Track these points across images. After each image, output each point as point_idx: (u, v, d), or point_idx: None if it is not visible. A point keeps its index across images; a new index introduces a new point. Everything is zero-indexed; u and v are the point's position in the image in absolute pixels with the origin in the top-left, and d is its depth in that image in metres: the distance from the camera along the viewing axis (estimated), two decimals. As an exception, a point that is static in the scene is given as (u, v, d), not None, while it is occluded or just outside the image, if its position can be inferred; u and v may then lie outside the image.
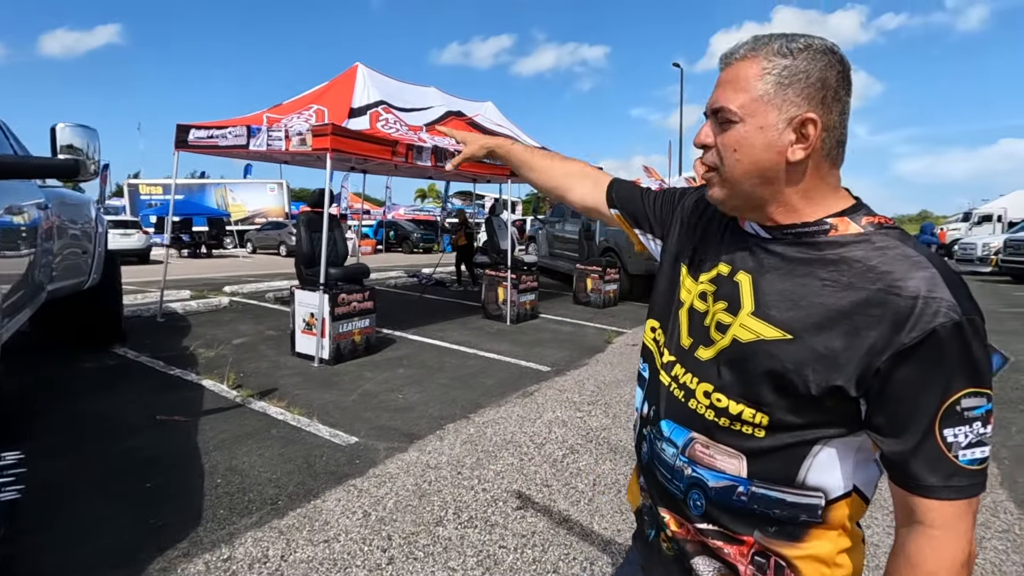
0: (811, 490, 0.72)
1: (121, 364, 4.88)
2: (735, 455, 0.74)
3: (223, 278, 11.31)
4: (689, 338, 0.83)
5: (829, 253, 0.71)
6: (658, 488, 0.86)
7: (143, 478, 2.84)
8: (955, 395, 0.64)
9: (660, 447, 0.83)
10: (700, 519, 0.79)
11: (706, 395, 0.77)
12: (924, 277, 0.65)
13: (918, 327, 0.63)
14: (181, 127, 6.05)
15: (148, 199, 23.87)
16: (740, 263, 0.79)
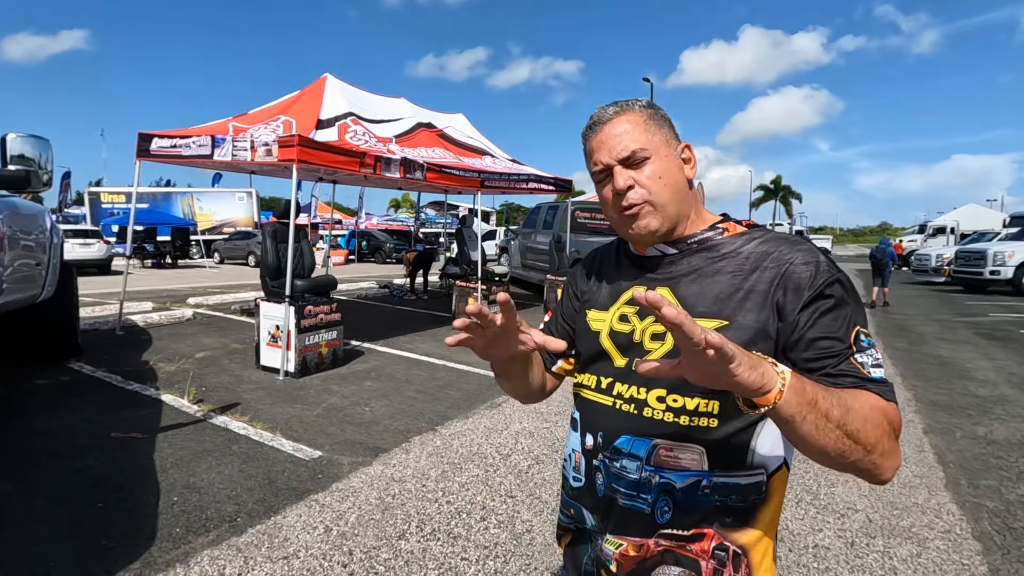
0: (757, 468, 0.82)
1: (76, 380, 4.72)
2: (697, 450, 0.82)
3: (187, 289, 11.04)
4: (623, 358, 0.89)
5: (727, 252, 0.86)
6: (617, 516, 0.87)
7: (94, 499, 2.76)
8: (855, 330, 0.78)
9: (620, 467, 0.85)
10: (666, 526, 0.83)
11: (660, 400, 0.83)
12: (805, 250, 0.82)
13: (816, 286, 0.78)
14: (143, 136, 5.93)
15: (110, 207, 23.18)
16: (654, 281, 0.89)
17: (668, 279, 0.88)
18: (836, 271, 0.80)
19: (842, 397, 0.69)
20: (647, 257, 0.92)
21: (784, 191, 54.32)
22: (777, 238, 0.85)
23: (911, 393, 5.12)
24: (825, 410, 0.66)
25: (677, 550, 0.83)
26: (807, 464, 3.44)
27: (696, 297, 0.84)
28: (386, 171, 5.77)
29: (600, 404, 0.90)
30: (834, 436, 0.67)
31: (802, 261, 0.80)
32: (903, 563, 2.43)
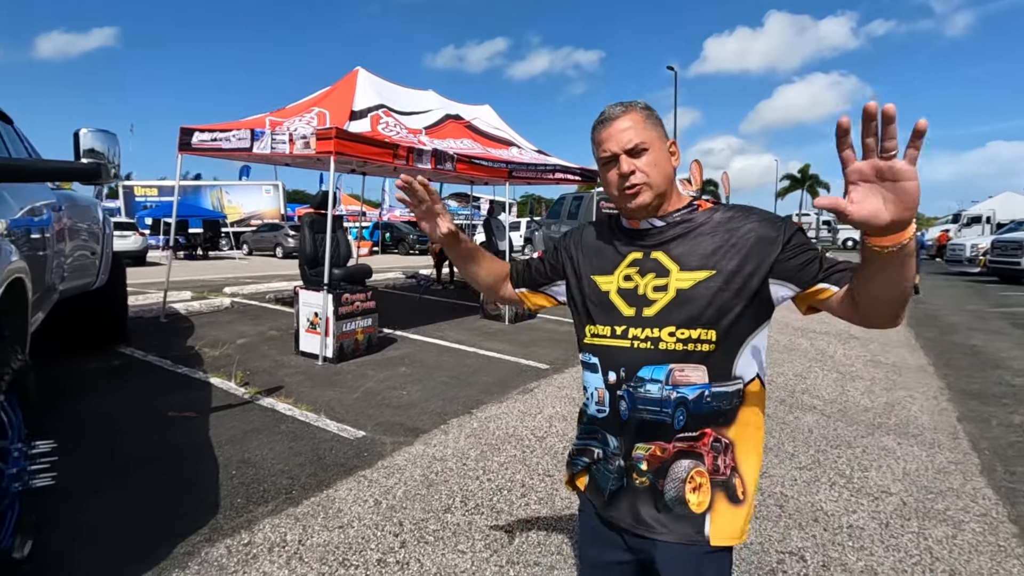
0: (736, 379, 1.09)
1: (128, 363, 4.97)
2: (700, 367, 1.08)
3: (221, 280, 11.37)
4: (631, 308, 1.13)
5: (703, 222, 1.12)
6: (642, 429, 1.11)
7: (158, 472, 2.94)
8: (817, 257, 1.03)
9: (644, 391, 1.10)
10: (681, 431, 1.09)
11: (671, 335, 1.08)
12: (758, 212, 1.11)
13: (785, 232, 1.05)
14: (185, 130, 6.14)
15: (143, 201, 23.83)
16: (648, 247, 1.15)
17: (659, 244, 1.13)
18: (789, 222, 1.08)
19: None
20: (640, 230, 1.17)
21: (812, 180, 53.15)
22: (737, 207, 1.14)
23: (943, 382, 5.09)
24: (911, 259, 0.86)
25: (687, 449, 1.09)
26: (839, 450, 3.48)
27: (686, 256, 1.09)
28: (418, 162, 5.88)
29: (619, 347, 1.13)
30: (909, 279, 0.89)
31: (762, 216, 1.09)
32: (938, 544, 2.47)
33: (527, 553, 2.34)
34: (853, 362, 5.77)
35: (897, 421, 4.03)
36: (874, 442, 3.61)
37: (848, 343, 6.72)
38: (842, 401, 4.46)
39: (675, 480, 1.09)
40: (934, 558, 2.37)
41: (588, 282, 1.21)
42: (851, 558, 2.35)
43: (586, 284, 1.22)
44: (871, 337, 7.12)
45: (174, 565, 2.16)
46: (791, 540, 2.47)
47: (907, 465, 3.28)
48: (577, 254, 1.27)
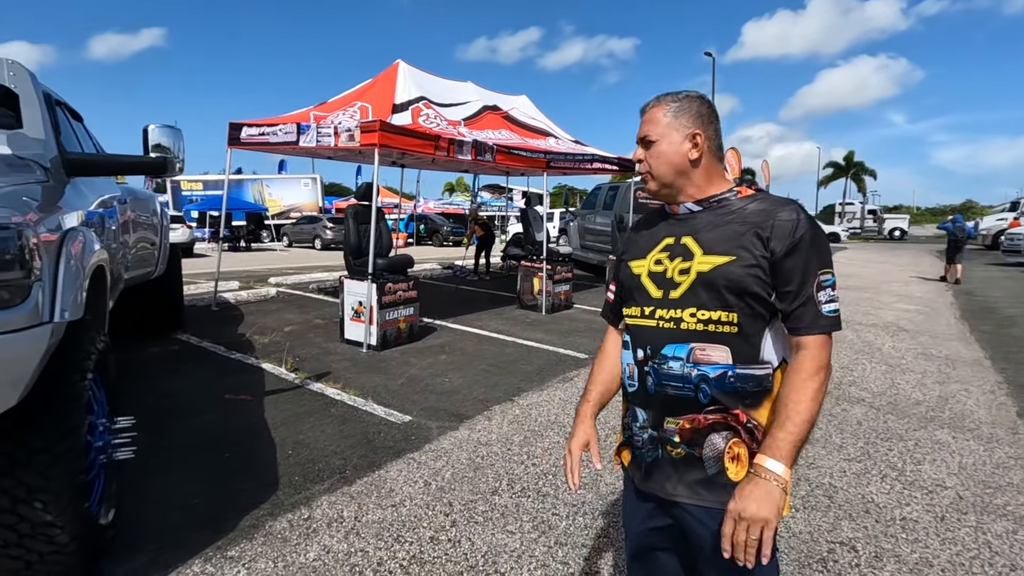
0: (765, 363, 1.13)
1: (184, 349, 5.22)
2: (722, 348, 1.12)
3: (265, 270, 11.75)
4: (659, 291, 1.19)
5: (736, 210, 1.16)
6: (669, 403, 1.16)
7: (220, 450, 3.11)
8: (818, 274, 1.09)
9: (667, 368, 1.15)
10: (708, 405, 1.13)
11: (692, 315, 1.13)
12: (791, 209, 1.12)
13: (795, 235, 1.08)
14: (233, 125, 6.36)
15: (189, 195, 24.73)
16: (680, 233, 1.21)
17: (692, 231, 1.18)
18: (809, 225, 1.09)
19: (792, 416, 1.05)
20: (677, 215, 1.23)
21: (856, 168, 51.16)
22: (773, 199, 1.15)
23: (1001, 376, 4.89)
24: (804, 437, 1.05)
25: (723, 419, 1.12)
26: (890, 443, 3.40)
27: (712, 241, 1.14)
28: (459, 153, 5.95)
29: (646, 326, 1.20)
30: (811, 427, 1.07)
31: (787, 217, 1.10)
32: (998, 538, 2.41)
33: (574, 535, 2.39)
34: (903, 355, 5.59)
35: (951, 415, 3.90)
36: (927, 435, 3.52)
37: (897, 336, 6.51)
38: (892, 394, 4.35)
39: (714, 449, 1.13)
40: (993, 552, 2.31)
41: (624, 268, 1.30)
42: (905, 550, 2.32)
43: (623, 270, 1.30)
44: (921, 330, 6.88)
45: (241, 536, 2.29)
46: (841, 530, 2.45)
47: (963, 459, 3.19)
48: (624, 248, 1.35)
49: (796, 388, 1.06)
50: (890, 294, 10.20)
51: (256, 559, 2.15)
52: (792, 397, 1.06)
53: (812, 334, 1.08)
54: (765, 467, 1.05)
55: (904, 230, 38.19)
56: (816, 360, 1.07)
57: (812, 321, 1.08)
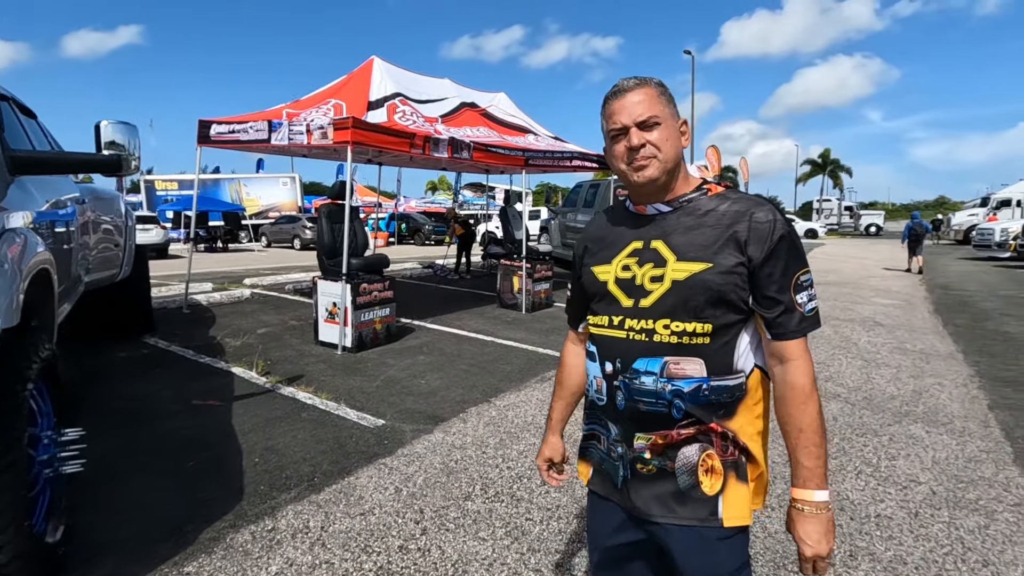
0: (739, 372, 1.08)
1: (153, 353, 5.06)
2: (697, 361, 1.06)
3: (241, 271, 11.53)
4: (629, 299, 1.11)
5: (708, 211, 1.09)
6: (640, 419, 1.10)
7: (186, 457, 3.00)
8: (796, 275, 1.05)
9: (639, 383, 1.09)
10: (682, 420, 1.07)
11: (666, 327, 1.07)
12: (767, 209, 1.06)
13: (773, 237, 1.03)
14: (203, 122, 6.19)
15: (164, 195, 24.21)
16: (649, 236, 1.12)
17: (661, 234, 1.10)
18: (785, 226, 1.05)
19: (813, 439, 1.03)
20: (645, 215, 1.14)
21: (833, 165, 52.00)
22: (746, 199, 1.09)
23: (973, 369, 4.95)
24: (824, 456, 1.04)
25: (696, 433, 1.07)
26: (865, 438, 3.41)
27: (686, 246, 1.07)
28: (435, 151, 5.86)
29: (615, 337, 1.12)
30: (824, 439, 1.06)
31: (763, 219, 1.04)
32: (970, 534, 2.41)
33: (548, 540, 2.33)
34: (878, 349, 5.65)
35: (925, 409, 3.93)
36: (901, 430, 3.53)
37: (873, 330, 6.58)
38: (867, 389, 4.37)
39: (687, 463, 1.08)
40: (966, 548, 2.31)
41: (587, 273, 1.20)
42: (879, 547, 2.31)
43: (586, 276, 1.21)
44: (898, 324, 6.97)
45: (200, 550, 2.20)
46: (817, 529, 2.43)
47: (936, 454, 3.20)
48: (582, 250, 1.26)
49: (801, 411, 1.04)
50: (868, 288, 10.35)
51: (214, 575, 2.06)
52: (804, 421, 1.03)
53: (796, 338, 1.05)
54: (815, 501, 1.02)
55: (880, 226, 38.93)
56: (806, 373, 1.05)
57: (796, 326, 1.04)
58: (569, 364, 1.33)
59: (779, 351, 1.06)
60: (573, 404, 1.34)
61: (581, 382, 1.28)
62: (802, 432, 1.03)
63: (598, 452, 1.22)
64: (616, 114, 1.09)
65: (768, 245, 1.02)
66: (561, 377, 1.34)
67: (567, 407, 1.34)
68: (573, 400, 1.34)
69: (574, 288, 1.31)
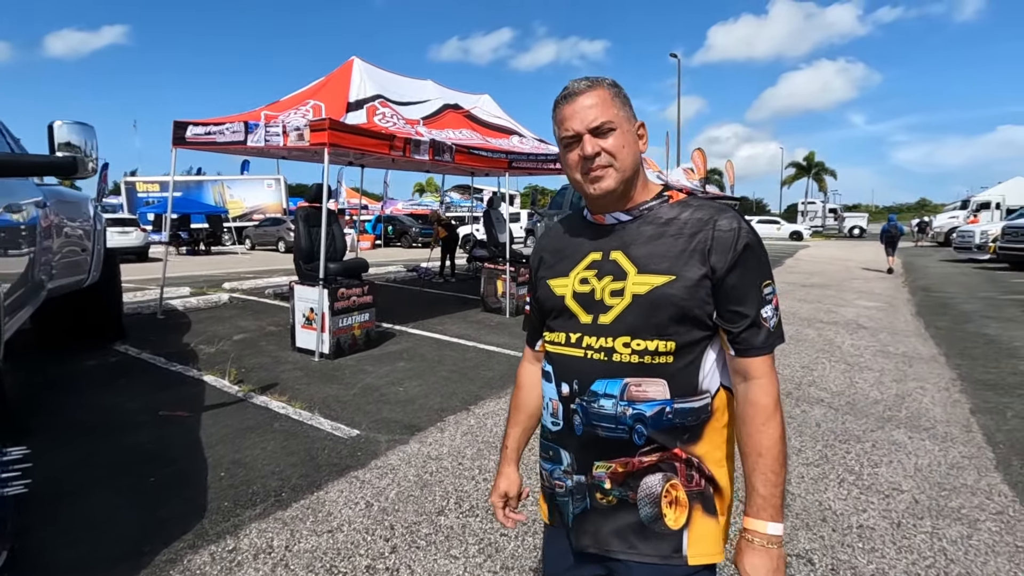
0: (703, 393, 1.00)
1: (123, 361, 4.90)
2: (659, 382, 0.98)
3: (222, 275, 11.32)
4: (588, 315, 1.03)
5: (670, 218, 1.02)
6: (599, 445, 1.02)
7: (147, 472, 2.87)
8: (760, 286, 0.98)
9: (598, 406, 1.00)
10: (644, 446, 0.99)
11: (626, 345, 0.98)
12: (730, 217, 0.99)
13: (737, 247, 0.96)
14: (178, 124, 6.04)
15: (145, 196, 23.80)
16: (608, 247, 1.05)
17: (621, 244, 1.03)
18: (750, 234, 0.98)
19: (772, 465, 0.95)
20: (604, 225, 1.07)
21: (817, 168, 52.58)
22: (708, 206, 1.03)
23: (955, 372, 4.96)
24: (782, 484, 0.96)
25: (658, 461, 0.99)
26: (848, 444, 3.37)
27: (647, 258, 1.00)
28: (415, 153, 5.76)
29: (572, 356, 1.04)
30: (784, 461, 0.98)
31: (727, 227, 0.97)
32: (953, 544, 2.36)
33: (523, 558, 2.25)
34: (862, 353, 5.64)
35: (908, 414, 3.91)
36: (884, 436, 3.50)
37: (856, 333, 6.58)
38: (851, 393, 4.34)
39: (650, 494, 0.99)
40: (949, 560, 2.26)
41: (543, 287, 1.12)
42: (861, 560, 2.25)
43: (542, 290, 1.12)
44: (881, 327, 6.98)
45: (156, 573, 2.09)
46: (798, 542, 2.37)
47: (919, 460, 3.17)
48: (538, 262, 1.17)
49: (761, 432, 0.96)
50: (852, 291, 10.40)
51: (168, 600, 1.95)
52: (763, 444, 0.96)
53: (762, 355, 0.98)
54: (768, 533, 0.95)
55: (863, 228, 39.40)
56: (770, 393, 0.98)
57: (762, 341, 0.98)
58: (526, 385, 1.24)
59: (744, 368, 0.99)
60: (531, 429, 1.24)
61: (540, 404, 1.19)
62: (761, 456, 0.96)
63: (549, 486, 1.12)
64: (567, 120, 1.01)
65: (732, 255, 0.96)
66: (517, 400, 1.25)
67: (524, 433, 1.24)
68: (531, 425, 1.24)
69: (532, 303, 1.21)
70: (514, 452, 1.24)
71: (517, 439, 1.24)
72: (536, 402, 1.21)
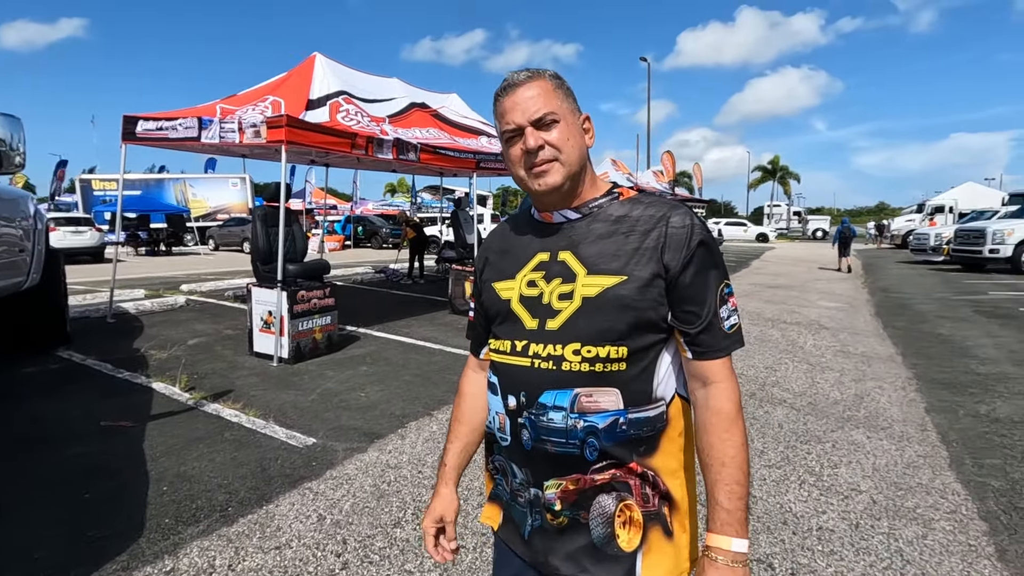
0: (658, 401, 0.95)
1: (66, 368, 4.64)
2: (612, 392, 0.92)
3: (181, 276, 10.93)
4: (534, 320, 0.97)
5: (620, 215, 0.98)
6: (549, 462, 0.95)
7: (82, 488, 2.69)
8: (720, 285, 0.94)
9: (547, 419, 0.94)
10: (596, 461, 0.93)
11: (575, 352, 0.92)
12: (682, 213, 0.95)
13: (691, 244, 0.92)
14: (128, 118, 5.77)
15: (102, 195, 22.89)
16: (556, 247, 0.99)
17: (570, 244, 0.98)
18: (703, 231, 0.94)
19: (735, 475, 0.89)
20: (552, 224, 1.02)
21: (782, 172, 53.99)
22: (660, 203, 0.98)
23: (911, 372, 5.08)
24: (746, 496, 0.90)
25: (611, 478, 0.93)
26: (809, 445, 3.39)
27: (596, 257, 0.95)
28: (379, 152, 5.63)
29: (518, 366, 0.97)
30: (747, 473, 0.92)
31: (679, 223, 0.93)
32: (909, 545, 2.38)
33: (480, 571, 2.17)
34: (823, 352, 5.74)
35: (867, 413, 3.97)
36: (844, 436, 3.54)
37: (819, 333, 6.71)
38: (812, 394, 4.40)
39: (603, 515, 0.93)
40: (905, 561, 2.27)
41: (488, 290, 1.05)
42: (820, 564, 2.24)
43: (486, 293, 1.06)
44: (841, 327, 7.14)
45: (82, 599, 1.94)
46: (759, 546, 2.35)
47: (876, 460, 3.20)
48: (483, 263, 1.11)
49: (724, 440, 0.91)
50: (815, 292, 10.64)
51: (93, 629, 1.81)
52: (727, 452, 0.90)
53: (720, 357, 0.93)
54: (732, 551, 0.88)
55: (825, 230, 40.59)
56: (732, 398, 0.93)
57: (719, 343, 0.93)
58: (469, 395, 1.14)
59: (701, 372, 0.94)
60: (474, 446, 1.14)
61: (484, 418, 1.10)
62: (725, 466, 0.90)
63: (505, 492, 1.04)
64: (508, 112, 0.95)
65: (686, 252, 0.91)
66: (459, 412, 1.15)
67: (465, 450, 1.14)
68: (474, 440, 1.14)
69: (476, 308, 1.14)
70: (453, 471, 1.13)
71: (457, 456, 1.13)
72: (480, 415, 1.12)
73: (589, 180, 1.01)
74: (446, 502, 1.12)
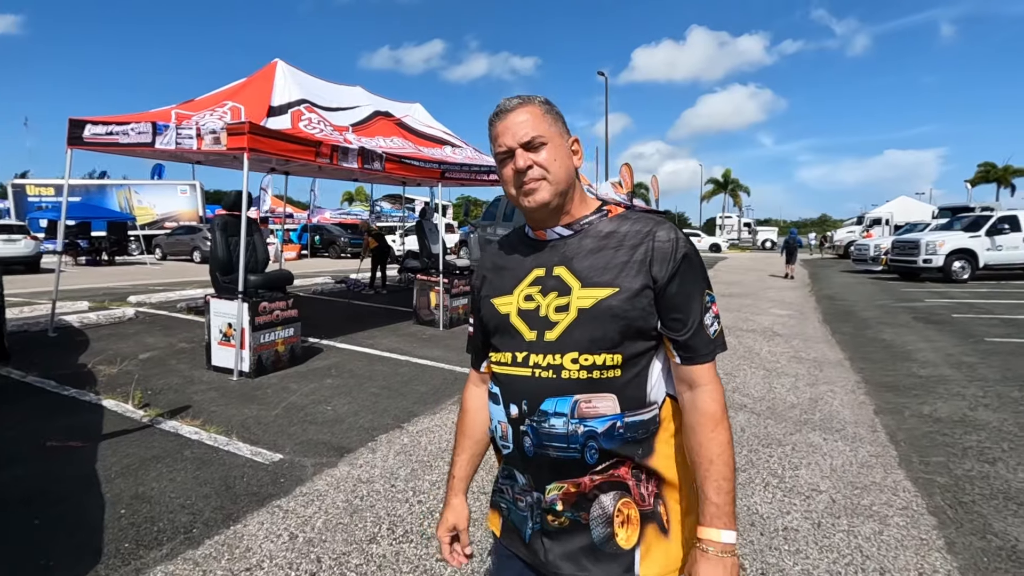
0: (652, 404, 1.00)
1: (4, 385, 4.35)
2: (609, 397, 0.98)
3: (128, 287, 10.41)
4: (532, 332, 1.02)
5: (609, 231, 1.04)
6: (551, 466, 1.00)
7: (29, 514, 2.53)
8: (702, 294, 1.01)
9: (548, 426, 0.99)
10: (597, 464, 0.98)
11: (574, 361, 0.98)
12: (667, 228, 1.02)
13: (676, 256, 0.98)
14: (74, 122, 5.50)
15: (37, 201, 21.60)
16: (551, 262, 1.05)
17: (563, 259, 1.04)
18: (687, 244, 1.01)
19: (723, 471, 0.95)
20: (545, 241, 1.08)
21: (733, 184, 56.09)
22: (647, 219, 1.04)
23: (859, 376, 5.35)
24: (733, 491, 0.96)
25: (609, 480, 0.98)
26: (771, 448, 3.52)
27: (589, 270, 1.00)
28: (343, 161, 5.55)
29: (520, 376, 1.02)
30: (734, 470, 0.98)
31: (665, 237, 1.00)
32: (867, 541, 2.51)
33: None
34: (778, 359, 5.98)
35: (822, 416, 4.16)
36: (802, 439, 3.70)
37: (773, 340, 6.98)
38: (770, 398, 4.57)
39: (602, 515, 0.98)
40: (865, 557, 2.39)
41: (487, 306, 1.11)
42: (788, 563, 2.34)
43: (485, 309, 1.11)
44: (793, 334, 7.45)
45: (37, 633, 1.82)
46: (730, 548, 2.43)
47: (833, 461, 3.36)
48: (481, 280, 1.17)
49: (711, 439, 0.97)
50: (767, 300, 11.07)
51: (51, 665, 1.70)
52: (713, 450, 0.96)
53: (706, 362, 1.00)
54: (722, 542, 0.94)
55: (774, 241, 42.36)
56: (717, 399, 0.99)
57: (706, 348, 1.00)
58: (472, 409, 1.18)
59: (689, 376, 1.00)
60: (479, 456, 1.19)
61: (485, 430, 1.14)
62: (712, 463, 0.96)
63: (506, 502, 1.09)
64: (500, 136, 1.03)
65: (672, 264, 0.98)
66: (463, 425, 1.19)
67: (472, 461, 1.18)
68: (479, 451, 1.18)
69: (475, 323, 1.18)
70: (461, 482, 1.17)
71: (464, 467, 1.17)
72: (484, 426, 1.16)
73: (579, 198, 1.07)
74: (457, 512, 1.16)
